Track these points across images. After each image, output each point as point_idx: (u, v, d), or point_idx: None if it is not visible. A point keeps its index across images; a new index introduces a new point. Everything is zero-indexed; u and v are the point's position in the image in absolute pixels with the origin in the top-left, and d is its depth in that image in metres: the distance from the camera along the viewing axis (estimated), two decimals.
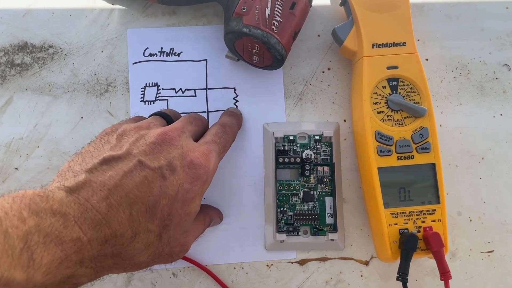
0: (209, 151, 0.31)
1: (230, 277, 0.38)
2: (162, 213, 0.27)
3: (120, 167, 0.26)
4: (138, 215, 0.26)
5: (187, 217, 0.29)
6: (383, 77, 0.37)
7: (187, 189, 0.28)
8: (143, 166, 0.27)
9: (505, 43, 0.42)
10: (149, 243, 0.27)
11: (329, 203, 0.39)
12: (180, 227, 0.28)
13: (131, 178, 0.26)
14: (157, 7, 0.42)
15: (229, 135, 0.35)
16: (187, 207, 0.28)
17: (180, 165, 0.28)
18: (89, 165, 0.26)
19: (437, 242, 0.33)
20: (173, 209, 0.27)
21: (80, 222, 0.24)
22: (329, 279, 0.38)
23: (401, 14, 0.37)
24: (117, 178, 0.26)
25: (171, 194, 0.27)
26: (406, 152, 0.36)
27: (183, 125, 0.32)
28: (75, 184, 0.25)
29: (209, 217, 0.36)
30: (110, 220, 0.25)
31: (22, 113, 0.40)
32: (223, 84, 0.41)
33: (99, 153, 0.27)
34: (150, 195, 0.26)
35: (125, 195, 0.25)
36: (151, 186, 0.26)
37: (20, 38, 0.42)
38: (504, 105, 0.41)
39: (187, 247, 0.31)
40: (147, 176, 0.26)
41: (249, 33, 0.35)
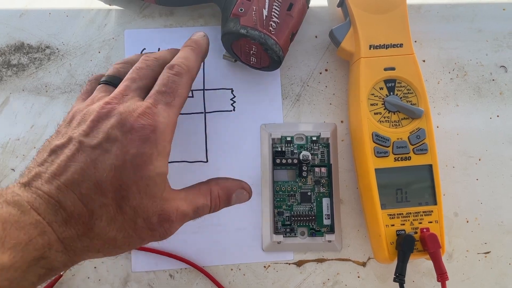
0: (151, 107, 0.28)
1: (227, 279, 0.38)
2: (112, 185, 0.26)
3: (64, 153, 0.27)
4: (89, 193, 0.26)
5: (148, 181, 0.27)
6: (380, 78, 0.37)
7: (135, 153, 0.27)
8: (83, 147, 0.27)
9: (502, 45, 0.42)
10: (110, 217, 0.26)
11: (326, 204, 0.39)
12: (144, 194, 0.27)
13: (74, 160, 0.26)
14: (154, 8, 0.42)
15: (181, 75, 0.31)
16: (142, 171, 0.27)
17: (120, 133, 0.27)
18: (40, 160, 0.27)
19: (434, 243, 0.33)
20: (124, 177, 0.27)
21: (36, 207, 0.24)
22: (326, 280, 0.38)
23: (398, 15, 0.37)
24: (62, 164, 0.26)
25: (117, 164, 0.26)
26: (403, 153, 0.36)
27: (125, 87, 0.30)
28: (27, 178, 0.26)
29: (223, 189, 0.32)
30: (62, 202, 0.25)
31: (19, 113, 0.40)
32: (220, 85, 0.41)
33: (49, 145, 0.28)
34: (95, 171, 0.26)
35: (71, 176, 0.26)
36: (94, 163, 0.26)
37: (16, 38, 0.42)
38: (501, 107, 0.41)
39: (168, 215, 0.28)
40: (89, 154, 0.26)
41: (247, 34, 0.35)
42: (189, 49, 0.33)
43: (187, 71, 0.31)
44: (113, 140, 0.27)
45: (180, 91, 0.30)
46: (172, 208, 0.29)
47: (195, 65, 0.33)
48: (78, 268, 0.38)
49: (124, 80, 0.31)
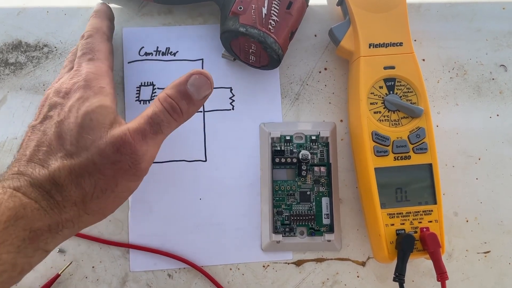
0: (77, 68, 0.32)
1: (226, 278, 0.38)
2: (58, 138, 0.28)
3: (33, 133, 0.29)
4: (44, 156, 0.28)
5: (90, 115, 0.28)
6: (380, 77, 0.37)
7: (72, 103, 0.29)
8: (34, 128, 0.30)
9: (501, 44, 0.42)
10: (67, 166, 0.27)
11: (326, 204, 0.39)
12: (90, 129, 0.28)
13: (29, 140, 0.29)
14: (153, 6, 0.42)
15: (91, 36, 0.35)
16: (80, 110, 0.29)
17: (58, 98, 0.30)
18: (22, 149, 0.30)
19: (433, 243, 0.33)
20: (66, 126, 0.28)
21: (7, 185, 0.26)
22: (325, 280, 0.38)
23: (398, 14, 0.37)
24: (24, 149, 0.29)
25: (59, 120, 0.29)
26: (403, 152, 0.35)
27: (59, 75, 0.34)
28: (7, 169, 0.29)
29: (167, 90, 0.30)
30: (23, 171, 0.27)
31: (16, 112, 0.40)
32: (219, 84, 0.41)
33: None
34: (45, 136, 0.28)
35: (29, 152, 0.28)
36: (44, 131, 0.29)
37: (14, 36, 0.41)
38: (501, 106, 0.41)
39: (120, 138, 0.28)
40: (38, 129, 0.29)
41: (246, 33, 0.34)
42: (91, 18, 0.37)
43: (95, 31, 0.35)
44: (53, 106, 0.30)
45: (98, 47, 0.34)
46: (122, 130, 0.28)
47: (101, 25, 0.36)
48: (76, 268, 0.38)
49: None
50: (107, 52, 0.34)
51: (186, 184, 0.39)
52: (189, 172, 0.39)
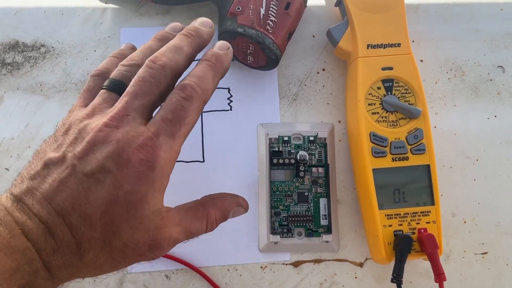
0: (153, 138, 0.25)
1: (224, 279, 0.38)
2: (102, 220, 0.25)
3: (57, 173, 0.25)
4: (78, 224, 0.24)
5: (142, 219, 0.26)
6: (378, 78, 0.36)
7: (129, 190, 0.25)
8: (76, 172, 0.25)
9: (499, 45, 0.42)
10: (98, 250, 0.25)
11: (324, 205, 0.39)
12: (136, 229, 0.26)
13: (66, 185, 0.24)
14: (150, 7, 0.42)
15: (192, 99, 0.26)
16: (135, 210, 0.25)
17: (114, 165, 0.25)
18: (33, 171, 0.25)
19: (431, 244, 0.33)
20: (116, 215, 0.25)
21: (26, 232, 0.23)
22: (323, 281, 0.38)
23: (396, 15, 0.37)
24: (54, 186, 0.24)
25: (108, 200, 0.25)
26: (401, 153, 0.35)
27: (126, 104, 0.26)
28: (19, 192, 0.24)
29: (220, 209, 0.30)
30: (52, 229, 0.24)
31: (13, 112, 0.40)
32: None
33: (44, 155, 0.26)
34: (86, 202, 0.24)
35: (62, 203, 0.24)
36: (86, 193, 0.25)
37: (11, 36, 0.41)
38: (498, 107, 0.41)
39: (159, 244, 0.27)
40: (81, 182, 0.25)
41: (244, 33, 0.34)
42: (207, 66, 0.28)
43: (200, 95, 0.27)
44: (107, 171, 0.25)
45: (189, 119, 0.26)
46: (165, 237, 0.27)
47: (210, 87, 0.28)
48: None
49: (125, 94, 0.27)
50: (193, 126, 0.27)
51: (183, 184, 0.39)
52: (187, 173, 0.39)
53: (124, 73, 0.29)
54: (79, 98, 0.30)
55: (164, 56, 0.27)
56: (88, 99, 0.29)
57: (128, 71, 0.29)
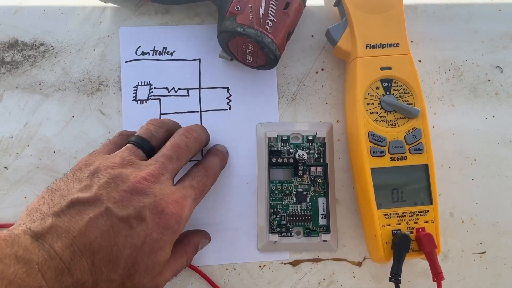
0: (184, 198, 0.30)
1: (222, 278, 0.38)
2: (125, 262, 0.26)
3: (86, 212, 0.26)
4: (100, 265, 0.25)
5: (154, 265, 0.28)
6: (376, 78, 0.37)
7: (155, 238, 0.28)
8: (110, 215, 0.26)
9: (497, 45, 0.42)
10: None
11: (322, 204, 0.39)
12: (147, 274, 0.28)
13: (97, 226, 0.26)
14: (150, 6, 0.42)
15: (209, 177, 0.34)
16: (154, 256, 0.28)
17: (149, 214, 0.27)
18: (57, 208, 0.26)
19: (429, 243, 0.33)
20: (139, 258, 0.27)
21: (44, 271, 0.23)
22: (321, 280, 0.38)
23: (395, 15, 0.37)
24: (82, 224, 0.25)
25: (136, 244, 0.27)
26: (399, 153, 0.36)
27: (162, 166, 0.30)
28: (41, 228, 0.25)
29: (192, 245, 0.35)
30: (72, 269, 0.24)
31: (12, 111, 0.40)
32: (216, 84, 0.41)
33: (68, 193, 0.27)
34: (114, 244, 0.26)
35: (89, 243, 0.25)
36: (116, 236, 0.26)
37: (10, 35, 0.41)
38: (496, 107, 0.41)
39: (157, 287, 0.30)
40: (113, 225, 0.26)
41: (243, 33, 0.34)
42: (218, 158, 0.36)
43: (214, 176, 0.35)
44: (141, 218, 0.27)
45: (205, 192, 0.33)
46: (162, 280, 0.30)
47: (219, 174, 0.36)
48: None
49: (162, 155, 0.31)
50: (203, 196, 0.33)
51: None
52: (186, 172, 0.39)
53: (152, 132, 0.33)
54: (103, 147, 0.33)
55: (196, 132, 0.34)
56: (113, 151, 0.32)
57: (156, 131, 0.33)
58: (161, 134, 0.34)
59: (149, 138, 0.33)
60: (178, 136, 0.33)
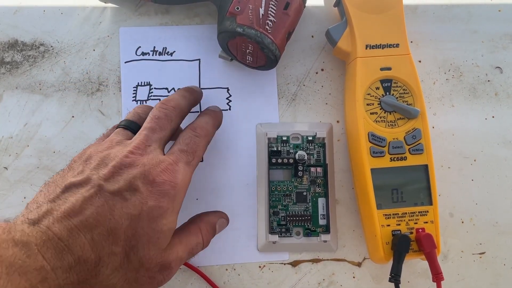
0: (175, 163, 0.30)
1: (222, 279, 0.38)
2: (126, 234, 0.27)
3: (80, 192, 0.26)
4: (100, 239, 0.26)
5: (159, 234, 0.28)
6: (376, 78, 0.37)
7: (152, 206, 0.28)
8: (102, 191, 0.27)
9: (497, 46, 0.42)
10: (116, 266, 0.26)
11: (322, 204, 0.39)
12: (153, 245, 0.28)
13: (91, 203, 0.26)
14: (150, 6, 0.42)
15: (200, 137, 0.33)
16: (155, 224, 0.28)
17: (141, 184, 0.28)
18: (52, 195, 0.27)
19: (429, 244, 0.33)
20: (138, 228, 0.27)
21: (43, 251, 0.24)
22: (321, 281, 0.38)
23: (395, 15, 0.37)
24: (77, 204, 0.26)
25: (133, 214, 0.27)
26: (399, 153, 0.36)
27: (146, 136, 0.30)
28: (37, 215, 0.25)
29: (206, 223, 0.34)
30: (72, 246, 0.25)
31: (12, 111, 0.40)
32: (216, 84, 0.41)
33: (62, 181, 0.28)
34: (111, 217, 0.26)
35: (85, 220, 0.25)
36: (111, 209, 0.26)
37: (10, 35, 0.41)
38: (496, 107, 0.41)
39: (169, 264, 0.29)
40: (107, 200, 0.26)
41: (243, 33, 0.34)
42: (209, 117, 0.35)
43: (206, 135, 0.33)
44: (133, 189, 0.27)
45: (198, 152, 0.32)
46: (173, 257, 0.30)
47: (212, 131, 0.35)
48: None
49: (144, 128, 0.31)
50: (199, 160, 0.33)
51: None
52: None
53: (140, 115, 0.34)
54: (97, 140, 0.33)
55: (173, 101, 0.33)
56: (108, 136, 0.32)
57: (144, 114, 0.34)
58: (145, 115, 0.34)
59: (136, 120, 0.33)
60: (156, 108, 0.33)
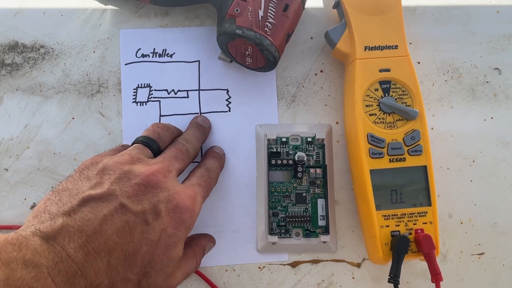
0: (196, 194, 0.30)
1: (222, 279, 0.38)
2: (142, 260, 0.26)
3: (100, 209, 0.25)
4: (116, 264, 0.24)
5: (169, 262, 0.27)
6: (375, 79, 0.37)
7: (171, 234, 0.27)
8: (125, 210, 0.25)
9: (496, 47, 0.42)
10: None
11: (321, 205, 0.39)
12: (163, 272, 0.27)
13: (112, 223, 0.24)
14: (149, 8, 0.42)
15: (213, 179, 0.34)
16: (169, 252, 0.27)
17: (165, 209, 0.27)
18: (67, 207, 0.25)
19: (428, 244, 0.33)
20: (155, 255, 0.26)
21: (54, 274, 0.22)
22: (321, 281, 0.38)
23: (394, 17, 0.38)
24: (96, 222, 0.24)
25: (153, 240, 0.26)
26: (398, 154, 0.36)
27: (170, 163, 0.30)
28: (52, 229, 0.23)
29: (199, 247, 0.35)
30: (86, 270, 0.23)
31: (13, 113, 0.40)
32: (215, 86, 0.41)
33: (78, 192, 0.26)
34: (130, 241, 0.25)
35: (104, 242, 0.24)
36: (132, 232, 0.25)
37: (11, 37, 0.41)
38: (495, 109, 0.41)
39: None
40: (129, 221, 0.25)
41: (242, 35, 0.35)
42: (217, 162, 0.37)
43: (215, 177, 0.35)
44: (156, 213, 0.26)
45: (210, 192, 0.34)
46: (176, 282, 0.30)
47: (218, 175, 0.36)
48: None
49: (168, 155, 0.31)
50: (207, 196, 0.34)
51: None
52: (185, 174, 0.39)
53: (160, 134, 0.34)
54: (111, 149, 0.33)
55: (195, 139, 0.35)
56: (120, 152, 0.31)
57: (163, 133, 0.34)
58: (167, 137, 0.34)
59: (156, 139, 0.33)
60: (179, 142, 0.34)
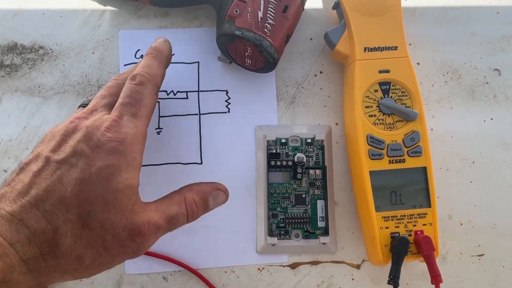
0: (118, 118, 0.28)
1: (221, 281, 0.38)
2: (78, 200, 0.26)
3: (30, 170, 0.26)
4: (53, 209, 0.25)
5: (116, 194, 0.26)
6: (375, 80, 0.37)
7: (101, 166, 0.26)
8: (50, 162, 0.26)
9: (496, 48, 0.42)
10: (76, 234, 0.25)
11: (321, 207, 0.39)
12: (113, 208, 0.26)
13: (40, 176, 0.26)
14: (149, 9, 0.42)
15: (143, 83, 0.30)
16: (108, 184, 0.26)
17: (86, 147, 0.27)
18: (9, 179, 0.27)
19: (428, 246, 0.33)
20: (89, 192, 0.26)
21: None
22: (320, 283, 0.38)
23: (393, 18, 0.38)
24: (27, 181, 0.26)
25: (82, 178, 0.26)
26: (398, 155, 0.36)
27: (95, 103, 0.30)
28: None
29: (198, 195, 0.31)
30: (25, 220, 0.24)
31: (11, 114, 0.40)
32: (215, 87, 0.41)
33: (19, 164, 0.28)
34: (60, 186, 0.26)
35: (35, 194, 0.25)
36: (60, 178, 0.26)
37: (9, 38, 0.41)
38: (495, 110, 0.41)
39: (139, 229, 0.27)
40: (55, 169, 0.26)
41: (242, 36, 0.34)
42: (151, 57, 0.33)
43: (150, 79, 0.31)
44: (79, 154, 0.26)
45: (145, 101, 0.30)
46: (143, 221, 0.28)
47: (158, 72, 0.32)
48: None
49: (94, 98, 0.31)
50: (152, 109, 0.31)
51: None
52: (184, 175, 0.39)
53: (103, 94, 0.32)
54: None
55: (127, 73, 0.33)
56: None
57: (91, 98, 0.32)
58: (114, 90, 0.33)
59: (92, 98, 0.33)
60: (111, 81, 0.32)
